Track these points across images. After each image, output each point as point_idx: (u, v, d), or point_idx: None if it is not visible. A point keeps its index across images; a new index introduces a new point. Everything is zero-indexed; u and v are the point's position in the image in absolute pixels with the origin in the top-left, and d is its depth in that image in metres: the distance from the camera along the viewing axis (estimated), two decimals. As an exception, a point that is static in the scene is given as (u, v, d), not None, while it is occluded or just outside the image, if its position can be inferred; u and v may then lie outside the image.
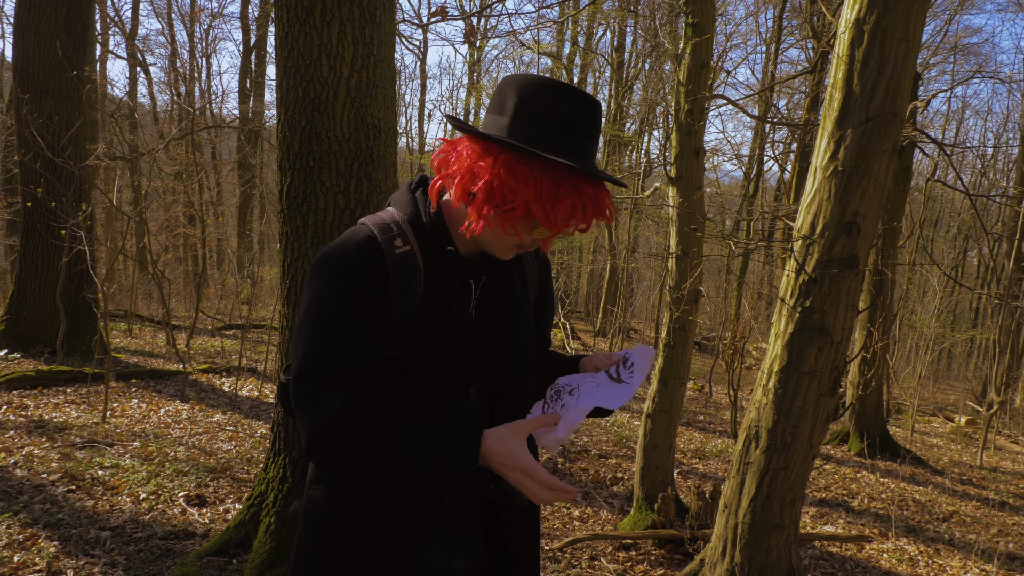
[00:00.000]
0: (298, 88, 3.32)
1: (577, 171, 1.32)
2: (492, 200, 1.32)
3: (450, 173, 1.38)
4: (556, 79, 1.36)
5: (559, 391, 1.46)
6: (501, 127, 1.35)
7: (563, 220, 1.34)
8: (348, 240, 1.39)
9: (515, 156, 1.31)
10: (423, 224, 1.45)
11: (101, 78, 17.12)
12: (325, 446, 1.30)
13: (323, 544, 1.44)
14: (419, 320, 1.39)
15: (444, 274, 1.44)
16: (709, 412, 11.10)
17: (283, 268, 3.59)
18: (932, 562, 5.29)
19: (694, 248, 5.14)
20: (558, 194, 1.31)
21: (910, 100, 3.57)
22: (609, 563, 4.41)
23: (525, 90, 1.34)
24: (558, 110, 1.33)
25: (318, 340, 1.33)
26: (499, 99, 1.38)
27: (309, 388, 1.32)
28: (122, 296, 14.52)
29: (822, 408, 3.57)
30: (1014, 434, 13.15)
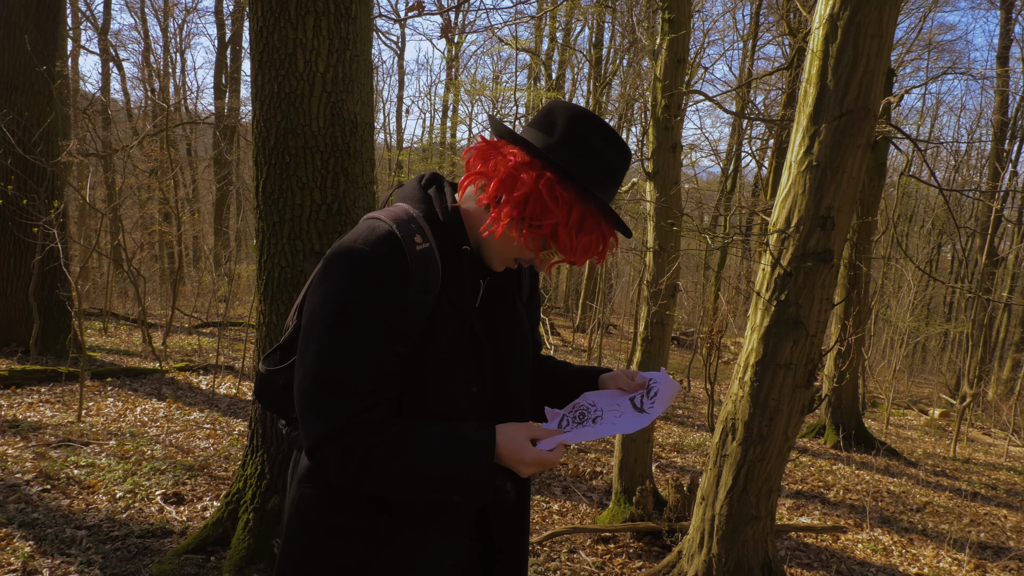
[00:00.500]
0: (273, 83, 3.30)
1: (604, 211, 1.37)
2: (523, 211, 1.34)
3: (485, 171, 1.38)
4: (603, 119, 1.40)
5: (584, 413, 1.49)
6: (545, 145, 1.37)
7: (580, 252, 1.39)
8: (369, 234, 1.35)
9: (558, 178, 1.34)
10: (439, 222, 1.44)
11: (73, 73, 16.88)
12: (332, 451, 1.29)
13: (314, 540, 1.43)
14: (433, 319, 1.38)
15: (459, 273, 1.44)
16: (687, 406, 11.18)
17: (259, 264, 3.57)
18: (906, 552, 5.37)
19: (671, 243, 5.17)
20: (583, 227, 1.36)
21: (883, 96, 3.61)
22: (588, 556, 4.44)
23: (577, 121, 1.38)
24: (601, 151, 1.38)
25: (333, 340, 1.30)
26: (546, 120, 1.40)
27: (318, 391, 1.30)
28: (97, 294, 14.35)
29: (797, 400, 3.61)
30: (986, 426, 13.36)
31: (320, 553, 1.42)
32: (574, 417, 1.47)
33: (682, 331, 19.11)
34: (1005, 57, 20.84)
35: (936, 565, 5.13)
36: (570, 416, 1.48)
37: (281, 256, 3.45)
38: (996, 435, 12.51)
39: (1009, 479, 8.63)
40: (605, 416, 1.47)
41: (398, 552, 1.41)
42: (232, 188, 21.69)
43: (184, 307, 14.99)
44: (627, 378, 1.60)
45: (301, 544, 1.45)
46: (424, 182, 1.52)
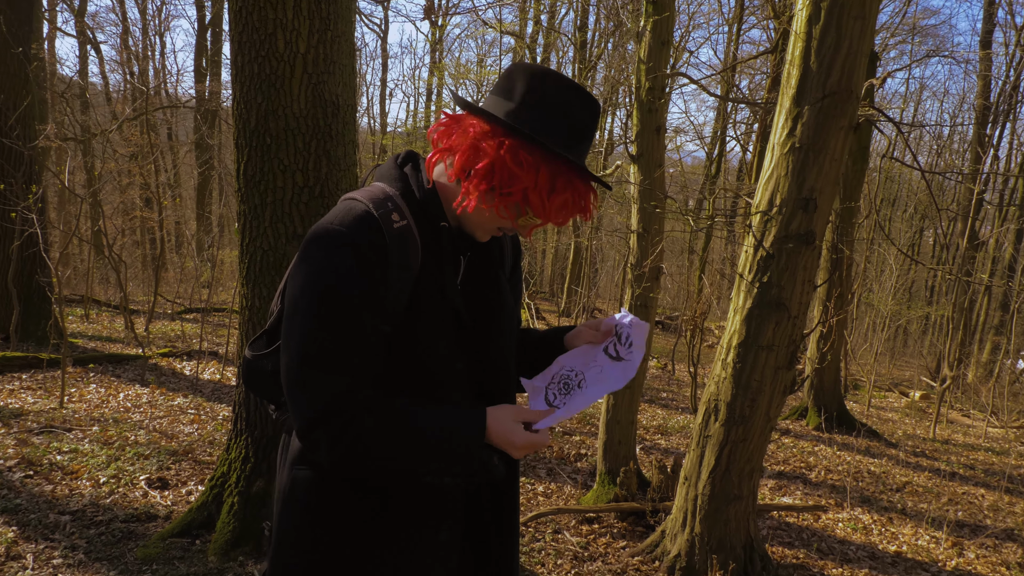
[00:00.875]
0: (253, 64, 3.27)
1: (575, 168, 1.36)
2: (491, 181, 1.33)
3: (449, 146, 1.38)
4: (562, 74, 1.39)
5: (567, 383, 1.47)
6: (506, 111, 1.36)
7: (555, 212, 1.37)
8: (345, 215, 1.35)
9: (520, 143, 1.33)
10: (416, 199, 1.44)
11: (50, 56, 16.61)
12: (325, 431, 1.28)
13: (309, 522, 1.43)
14: (415, 295, 1.38)
15: (438, 249, 1.44)
16: (672, 389, 11.24)
17: (241, 248, 3.55)
18: (885, 530, 5.45)
19: (655, 225, 5.19)
20: (555, 187, 1.35)
21: (866, 78, 3.63)
22: (572, 536, 4.47)
23: (536, 80, 1.37)
24: (564, 107, 1.37)
25: (315, 321, 1.30)
26: (507, 84, 1.39)
27: (306, 371, 1.29)
28: (78, 281, 14.21)
29: (779, 381, 3.64)
30: (966, 408, 13.54)
31: (316, 535, 1.43)
32: (559, 389, 1.46)
33: (666, 315, 19.19)
34: (988, 41, 20.96)
35: (915, 543, 5.21)
36: (555, 389, 1.46)
37: (263, 239, 3.43)
38: (975, 416, 12.69)
39: (987, 459, 8.76)
40: (588, 378, 1.46)
41: (392, 530, 1.42)
42: (214, 173, 21.50)
43: (167, 293, 14.89)
44: (591, 329, 1.61)
45: (296, 526, 1.45)
46: (400, 160, 1.52)
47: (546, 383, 1.49)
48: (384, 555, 1.42)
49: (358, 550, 1.41)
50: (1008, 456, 9.07)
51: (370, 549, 1.42)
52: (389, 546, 1.42)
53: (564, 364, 1.52)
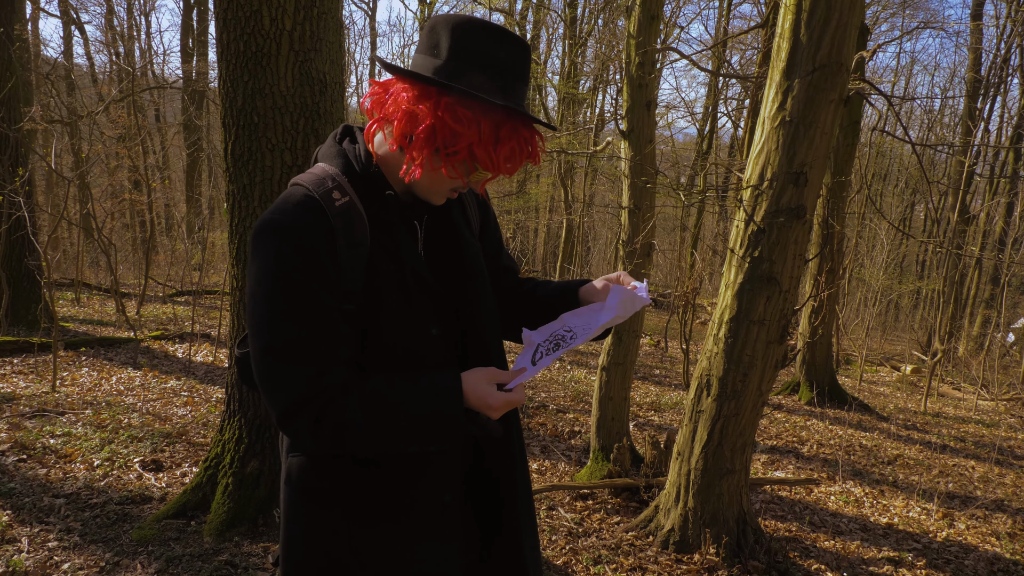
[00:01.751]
0: (239, 41, 3.23)
1: (515, 114, 1.33)
2: (433, 143, 1.31)
3: (385, 116, 1.36)
4: (486, 20, 1.35)
5: (559, 342, 1.44)
6: (435, 69, 1.33)
7: (503, 162, 1.34)
8: (285, 203, 1.34)
9: (456, 99, 1.30)
10: (357, 173, 1.42)
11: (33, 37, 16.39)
12: (302, 420, 1.28)
13: (312, 504, 1.44)
14: (371, 269, 1.37)
15: (387, 219, 1.42)
16: (665, 366, 11.29)
17: (231, 228, 3.53)
18: (877, 503, 5.50)
19: (646, 201, 5.17)
20: (499, 137, 1.32)
21: (857, 51, 3.61)
22: (567, 513, 4.50)
23: (459, 31, 1.33)
24: (493, 53, 1.33)
25: (271, 313, 1.30)
26: (431, 40, 1.35)
27: (272, 364, 1.29)
28: (68, 264, 14.14)
29: (771, 356, 3.65)
30: (956, 381, 13.64)
31: (319, 517, 1.43)
32: (549, 347, 1.44)
33: (659, 292, 19.23)
34: (979, 13, 20.89)
35: (906, 515, 5.26)
36: (545, 347, 1.44)
37: (253, 219, 3.40)
38: (966, 390, 12.78)
39: (977, 432, 8.84)
40: (579, 337, 1.44)
41: (394, 499, 1.42)
42: (203, 154, 21.36)
43: (158, 276, 14.82)
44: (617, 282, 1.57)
45: (299, 512, 1.45)
46: (338, 137, 1.50)
47: (543, 339, 1.46)
48: (389, 525, 1.42)
49: (363, 525, 1.42)
50: (998, 428, 9.15)
51: (374, 522, 1.42)
52: (393, 516, 1.42)
53: (566, 323, 1.48)
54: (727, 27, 20.31)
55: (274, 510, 3.57)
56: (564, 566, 3.77)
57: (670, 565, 3.79)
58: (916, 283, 21.88)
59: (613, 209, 19.03)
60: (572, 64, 19.63)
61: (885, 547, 4.54)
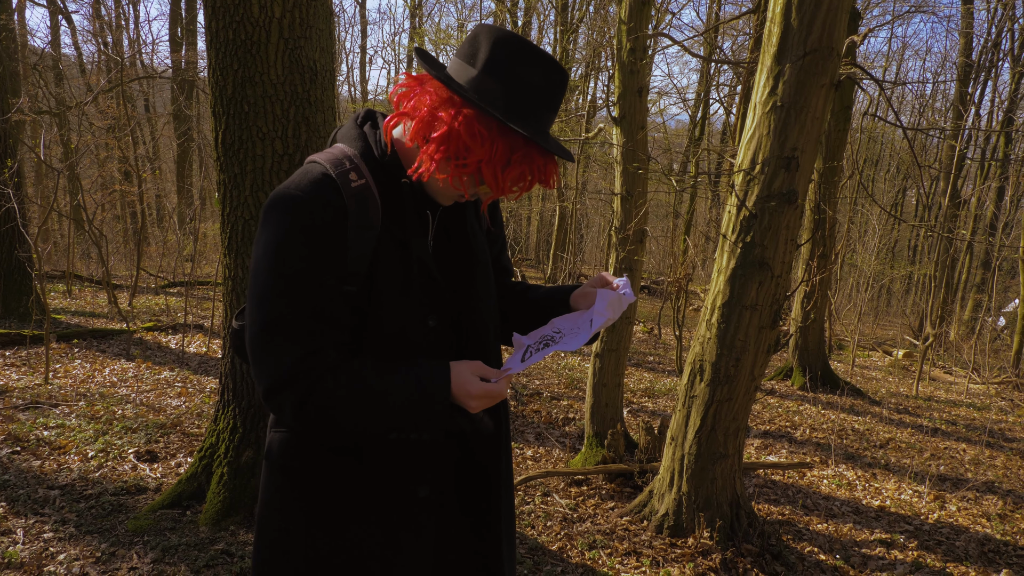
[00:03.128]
0: (228, 29, 3.20)
1: (536, 140, 1.32)
2: (446, 151, 1.31)
3: (409, 111, 1.35)
4: (530, 41, 1.34)
5: (548, 343, 1.45)
6: (468, 78, 1.33)
7: (509, 186, 1.35)
8: (302, 178, 1.34)
9: (477, 113, 1.30)
10: (375, 158, 1.42)
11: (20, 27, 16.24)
12: (288, 395, 1.29)
13: (289, 482, 1.45)
14: (378, 254, 1.38)
15: (400, 207, 1.43)
16: (658, 353, 11.32)
17: (223, 217, 3.51)
18: (869, 485, 5.54)
19: (638, 188, 5.17)
20: (510, 160, 1.32)
21: (848, 36, 3.60)
22: (562, 499, 4.52)
23: (498, 47, 1.32)
24: (526, 76, 1.32)
25: (275, 286, 1.30)
26: (471, 48, 1.35)
27: (267, 336, 1.30)
28: (59, 256, 14.08)
29: (763, 341, 3.67)
30: (948, 365, 13.72)
31: (294, 494, 1.44)
32: (538, 347, 1.45)
33: (652, 279, 19.26)
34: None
35: (898, 497, 5.31)
36: (534, 347, 1.45)
37: (245, 208, 3.39)
38: (957, 374, 12.86)
39: (968, 415, 8.91)
40: (567, 338, 1.45)
41: (369, 487, 1.43)
42: (193, 144, 21.22)
43: (150, 267, 14.78)
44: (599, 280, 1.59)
45: (276, 487, 1.46)
46: (360, 120, 1.50)
47: (533, 341, 1.47)
48: (361, 512, 1.43)
49: (335, 508, 1.43)
50: (989, 411, 9.22)
51: (347, 507, 1.43)
52: (366, 503, 1.43)
53: (555, 325, 1.50)
54: (719, 12, 20.27)
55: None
56: (559, 551, 3.79)
57: (664, 549, 3.81)
58: (908, 268, 21.99)
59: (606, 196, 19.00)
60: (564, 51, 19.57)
61: (877, 529, 4.58)
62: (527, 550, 3.77)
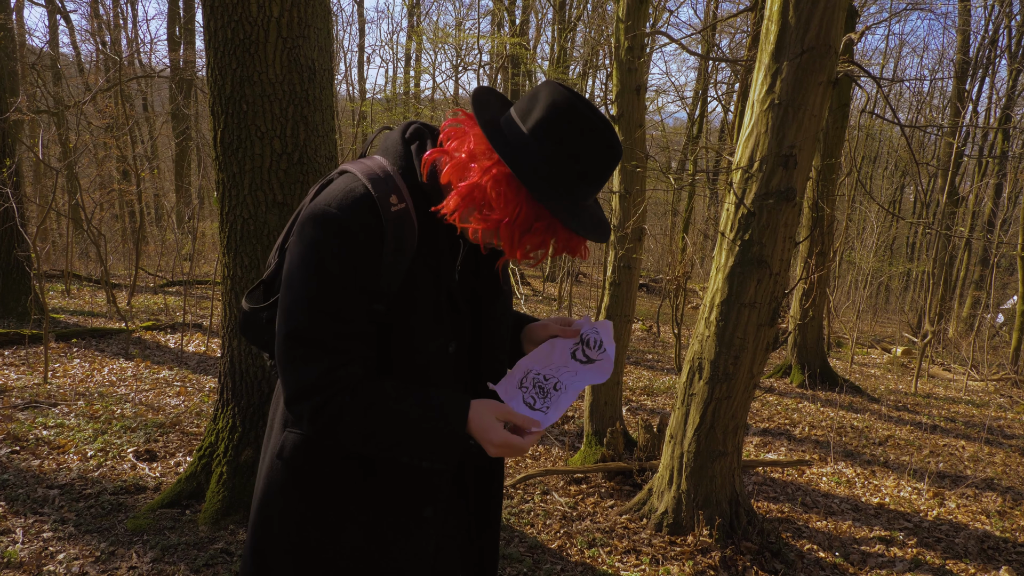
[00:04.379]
0: (226, 28, 3.20)
1: (562, 216, 1.27)
2: (471, 202, 1.30)
3: (449, 150, 1.34)
4: (593, 107, 1.29)
5: (541, 385, 1.45)
6: (514, 135, 1.30)
7: (527, 251, 1.33)
8: (344, 197, 1.32)
9: (509, 174, 1.26)
10: (417, 181, 1.40)
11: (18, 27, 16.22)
12: (310, 404, 1.30)
13: (294, 480, 1.45)
14: (409, 277, 1.37)
15: (435, 233, 1.42)
16: (657, 351, 11.33)
17: (221, 217, 3.51)
18: (868, 483, 5.55)
19: (637, 186, 5.18)
20: (532, 228, 1.30)
21: (845, 33, 3.61)
22: (561, 497, 4.53)
23: (554, 111, 1.28)
24: (575, 148, 1.29)
25: (304, 299, 1.31)
26: (528, 105, 1.32)
27: (293, 348, 1.31)
28: (57, 256, 14.06)
29: (762, 338, 3.67)
30: (947, 362, 13.74)
31: (301, 495, 1.45)
32: (536, 393, 1.45)
33: (651, 278, 19.27)
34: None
35: (897, 495, 5.32)
36: (531, 393, 1.45)
37: (243, 208, 3.39)
38: (956, 371, 12.88)
39: (967, 412, 8.92)
40: (564, 381, 1.46)
41: (376, 499, 1.44)
42: (192, 143, 21.21)
43: (148, 266, 14.76)
44: (558, 324, 1.59)
45: (283, 485, 1.47)
46: (408, 135, 1.46)
47: (516, 386, 1.46)
48: (366, 521, 1.44)
49: (341, 513, 1.44)
50: (988, 408, 9.24)
51: (353, 514, 1.44)
52: (372, 514, 1.44)
53: (528, 367, 1.49)
54: (716, 10, 20.26)
55: None
56: (558, 549, 3.79)
57: (664, 547, 3.82)
58: (906, 265, 22.00)
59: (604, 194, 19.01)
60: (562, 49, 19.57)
61: (877, 527, 4.59)
62: (526, 548, 3.77)
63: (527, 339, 1.64)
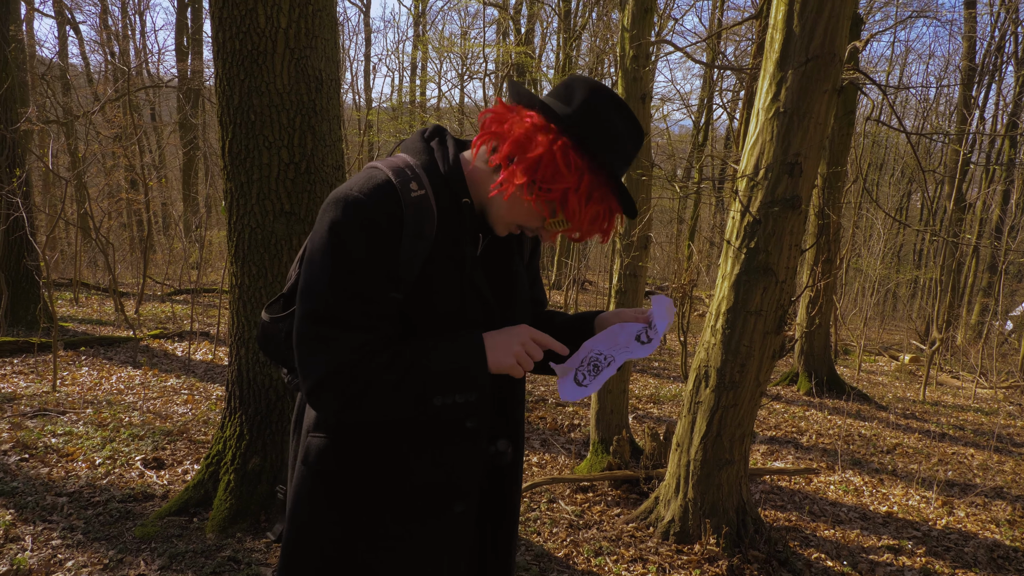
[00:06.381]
0: (235, 40, 3.23)
1: (615, 185, 1.38)
2: (534, 174, 1.34)
3: (500, 132, 1.39)
4: (621, 99, 1.41)
5: (596, 363, 1.48)
6: (564, 114, 1.37)
7: (588, 221, 1.39)
8: (365, 182, 1.37)
9: (573, 144, 1.35)
10: (439, 172, 1.45)
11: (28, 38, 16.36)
12: (332, 389, 1.32)
13: (324, 484, 1.46)
14: (429, 265, 1.40)
15: (457, 224, 1.45)
16: (663, 359, 11.32)
17: (229, 226, 3.54)
18: (876, 491, 5.53)
19: (642, 194, 5.19)
20: (592, 196, 1.37)
21: (850, 41, 3.62)
22: (567, 505, 4.52)
23: (596, 95, 1.38)
24: (615, 124, 1.39)
25: (326, 283, 1.33)
26: (566, 92, 1.40)
27: (313, 329, 1.33)
28: (66, 264, 14.14)
29: (768, 346, 3.67)
30: (955, 370, 13.67)
31: (330, 500, 1.45)
32: (588, 370, 1.47)
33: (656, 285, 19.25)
34: (972, 2, 20.87)
35: (905, 503, 5.29)
36: (584, 370, 1.47)
37: (251, 217, 3.42)
38: (964, 378, 12.82)
39: (976, 420, 8.88)
40: (617, 358, 1.48)
41: (407, 498, 1.45)
42: (199, 152, 21.32)
43: (156, 275, 14.83)
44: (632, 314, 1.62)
45: (311, 491, 1.47)
46: (427, 135, 1.52)
47: (575, 366, 1.48)
48: (398, 522, 1.45)
49: (372, 516, 1.44)
50: (997, 416, 9.19)
51: (383, 515, 1.44)
52: (403, 513, 1.45)
53: (591, 348, 1.51)
54: (721, 18, 20.31)
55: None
56: (565, 558, 3.79)
57: (670, 556, 3.81)
58: (913, 272, 21.93)
59: (610, 202, 18.96)
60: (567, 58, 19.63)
61: (885, 535, 4.57)
62: (533, 556, 3.77)
63: (599, 328, 1.66)
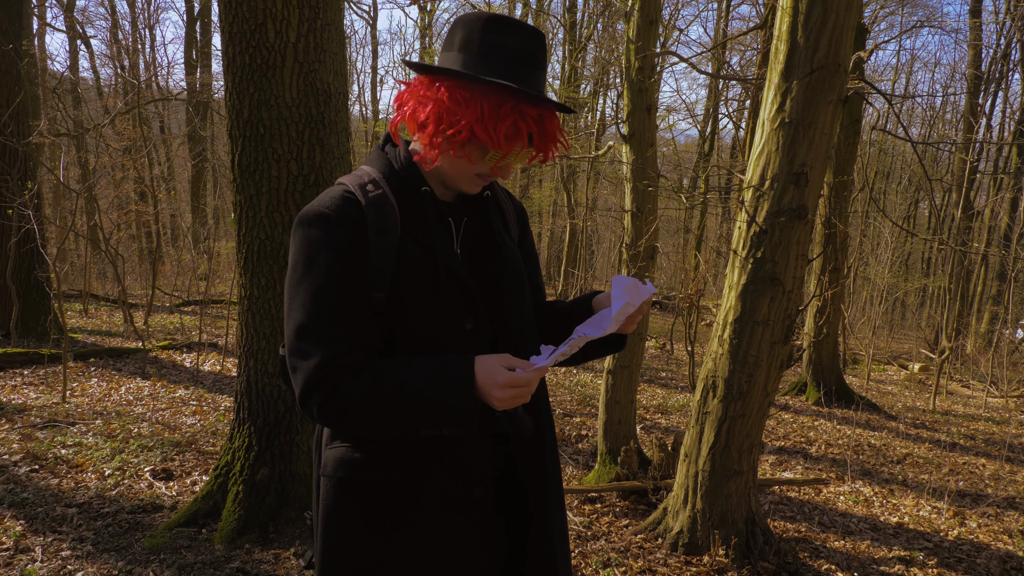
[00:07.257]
0: (244, 54, 3.27)
1: (518, 93, 1.38)
2: (439, 124, 1.38)
3: (404, 105, 1.44)
4: (501, 14, 1.42)
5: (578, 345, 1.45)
6: (451, 62, 1.41)
7: (506, 139, 1.39)
8: (323, 196, 1.44)
9: (456, 82, 1.38)
10: (396, 173, 1.50)
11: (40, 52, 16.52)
12: (317, 396, 1.34)
13: (346, 494, 1.48)
14: (400, 258, 1.43)
15: (421, 213, 1.49)
16: (671, 369, 11.29)
17: (238, 238, 3.56)
18: (886, 502, 5.50)
19: (648, 205, 5.20)
20: (499, 115, 1.38)
21: (855, 51, 3.63)
22: (576, 516, 4.52)
23: (471, 25, 1.41)
24: (501, 42, 1.40)
25: (300, 297, 1.37)
26: (450, 37, 1.44)
27: (298, 343, 1.37)
28: (75, 276, 14.21)
29: (776, 356, 3.67)
30: (965, 379, 13.60)
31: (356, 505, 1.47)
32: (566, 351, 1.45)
33: (664, 295, 19.22)
34: (978, 10, 20.86)
35: (916, 514, 5.26)
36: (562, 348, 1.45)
37: (260, 229, 3.44)
38: (975, 387, 12.75)
39: (987, 429, 8.82)
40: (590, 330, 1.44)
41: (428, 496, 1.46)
42: (207, 165, 21.44)
43: (164, 286, 14.90)
44: None
45: (334, 504, 1.49)
46: (382, 144, 1.59)
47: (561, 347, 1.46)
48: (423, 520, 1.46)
49: (395, 516, 1.45)
50: (1008, 425, 9.13)
51: (406, 513, 1.45)
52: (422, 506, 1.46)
53: (580, 332, 1.47)
54: (726, 29, 20.35)
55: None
56: (574, 569, 3.78)
57: (679, 567, 3.80)
58: (922, 281, 21.84)
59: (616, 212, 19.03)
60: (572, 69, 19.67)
61: (896, 546, 4.55)
62: (541, 567, 3.76)
63: (597, 308, 1.65)
